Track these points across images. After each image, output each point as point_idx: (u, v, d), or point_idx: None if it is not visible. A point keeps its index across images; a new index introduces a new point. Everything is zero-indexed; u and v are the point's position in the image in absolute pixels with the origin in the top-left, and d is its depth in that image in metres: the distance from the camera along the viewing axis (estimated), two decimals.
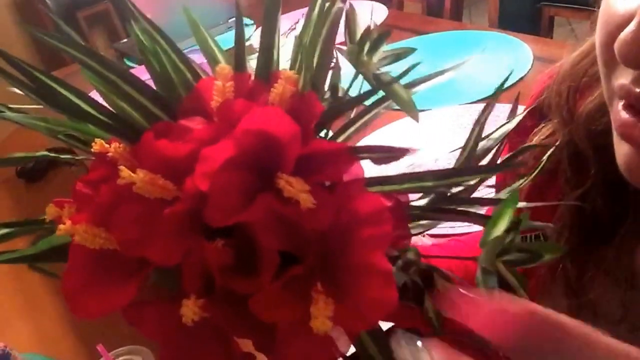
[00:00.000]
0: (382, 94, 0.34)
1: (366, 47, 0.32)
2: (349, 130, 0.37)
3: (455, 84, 1.37)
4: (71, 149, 0.38)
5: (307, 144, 0.31)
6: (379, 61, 0.33)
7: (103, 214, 0.31)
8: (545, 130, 0.58)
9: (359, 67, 0.33)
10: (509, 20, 1.92)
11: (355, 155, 0.32)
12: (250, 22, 2.03)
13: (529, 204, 0.40)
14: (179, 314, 0.30)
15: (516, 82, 1.32)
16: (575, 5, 1.93)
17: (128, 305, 0.31)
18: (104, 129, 0.32)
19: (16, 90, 0.32)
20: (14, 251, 0.35)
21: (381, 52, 0.32)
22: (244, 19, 0.37)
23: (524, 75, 1.34)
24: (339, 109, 0.34)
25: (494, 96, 0.39)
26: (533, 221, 0.49)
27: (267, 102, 0.33)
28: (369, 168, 0.34)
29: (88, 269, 0.32)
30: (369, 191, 0.33)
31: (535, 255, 0.30)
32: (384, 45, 0.33)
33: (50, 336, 1.01)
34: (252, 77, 0.36)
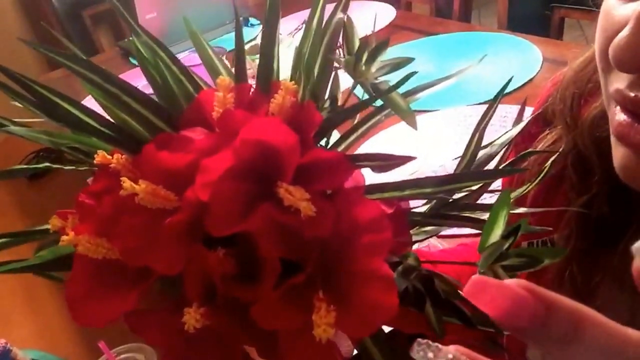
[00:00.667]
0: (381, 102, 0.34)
1: (364, 57, 0.33)
2: (350, 137, 0.37)
3: (463, 85, 1.37)
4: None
5: (306, 153, 0.31)
6: (377, 70, 0.33)
7: (105, 224, 0.31)
8: (550, 137, 0.58)
9: (356, 76, 0.33)
10: (518, 22, 1.91)
11: (354, 164, 0.32)
12: (257, 21, 2.04)
13: (532, 209, 0.40)
14: (181, 321, 0.30)
15: (525, 83, 1.32)
16: (586, 7, 1.91)
17: (131, 313, 0.32)
18: (106, 141, 0.33)
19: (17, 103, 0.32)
20: (19, 261, 0.36)
21: (379, 62, 0.33)
22: (248, 21, 0.37)
23: (534, 77, 1.34)
24: (338, 119, 0.34)
25: (494, 103, 0.39)
26: (539, 226, 0.49)
27: (267, 112, 0.33)
28: (370, 175, 0.34)
29: (91, 278, 0.32)
30: (369, 198, 0.33)
31: (535, 260, 0.29)
32: (383, 54, 0.33)
33: (51, 333, 1.00)
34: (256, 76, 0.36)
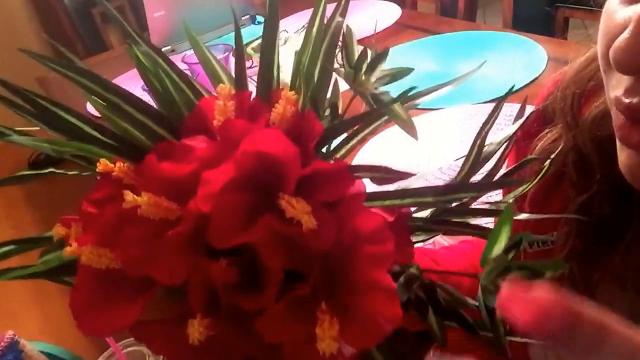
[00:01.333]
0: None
1: (364, 67, 0.32)
2: (351, 142, 0.37)
3: (468, 84, 1.37)
4: None
5: (307, 164, 0.31)
6: (377, 81, 0.33)
7: (108, 234, 0.31)
8: (551, 135, 0.58)
9: (356, 87, 0.33)
10: (523, 22, 1.90)
11: (355, 175, 0.32)
12: (263, 19, 2.03)
13: (532, 215, 0.40)
14: (186, 333, 0.30)
15: (530, 82, 1.31)
16: (590, 7, 1.90)
17: (135, 323, 0.32)
18: (107, 150, 0.33)
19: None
20: (26, 267, 0.36)
21: (379, 72, 0.33)
22: (255, 18, 0.37)
23: (539, 76, 1.33)
24: (339, 129, 0.34)
25: (496, 109, 0.39)
26: (538, 227, 0.49)
27: (268, 121, 0.33)
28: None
29: (95, 288, 0.32)
30: (370, 209, 0.33)
31: (537, 273, 0.29)
32: (383, 64, 0.33)
33: (58, 325, 0.99)
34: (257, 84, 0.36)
